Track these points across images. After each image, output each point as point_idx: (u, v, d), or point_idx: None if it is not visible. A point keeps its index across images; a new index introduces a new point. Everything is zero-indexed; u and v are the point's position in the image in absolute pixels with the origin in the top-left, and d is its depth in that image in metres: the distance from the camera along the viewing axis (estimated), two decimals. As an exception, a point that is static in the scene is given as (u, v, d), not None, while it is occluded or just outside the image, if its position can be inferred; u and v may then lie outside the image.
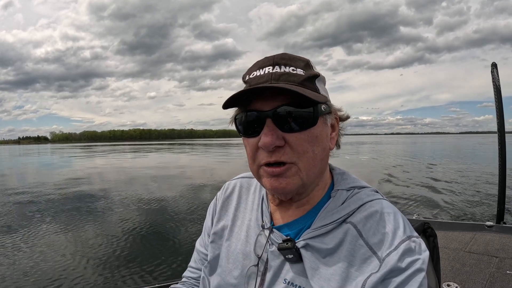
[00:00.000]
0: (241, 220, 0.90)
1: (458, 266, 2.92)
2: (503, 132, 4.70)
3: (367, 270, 0.67)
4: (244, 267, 0.81)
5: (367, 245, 0.70)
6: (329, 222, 0.74)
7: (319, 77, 0.77)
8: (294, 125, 0.70)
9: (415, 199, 10.13)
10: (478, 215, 8.22)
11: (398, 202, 9.66)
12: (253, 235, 0.84)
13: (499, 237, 3.52)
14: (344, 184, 0.81)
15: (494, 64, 4.66)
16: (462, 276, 2.74)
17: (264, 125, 0.70)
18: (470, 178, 14.78)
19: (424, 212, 8.40)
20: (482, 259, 3.03)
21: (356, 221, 0.73)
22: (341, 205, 0.76)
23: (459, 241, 3.49)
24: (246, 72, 0.78)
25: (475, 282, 2.63)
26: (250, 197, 0.93)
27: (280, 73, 0.72)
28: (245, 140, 0.76)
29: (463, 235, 3.66)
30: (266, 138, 0.69)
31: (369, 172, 17.32)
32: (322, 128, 0.74)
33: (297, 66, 0.74)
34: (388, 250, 0.67)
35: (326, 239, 0.73)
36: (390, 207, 0.75)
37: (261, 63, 0.75)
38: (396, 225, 0.71)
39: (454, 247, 3.34)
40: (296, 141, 0.70)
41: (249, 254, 0.82)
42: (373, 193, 0.79)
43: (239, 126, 0.76)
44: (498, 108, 4.68)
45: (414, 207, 9.11)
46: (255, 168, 0.76)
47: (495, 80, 4.57)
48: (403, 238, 0.68)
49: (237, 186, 0.98)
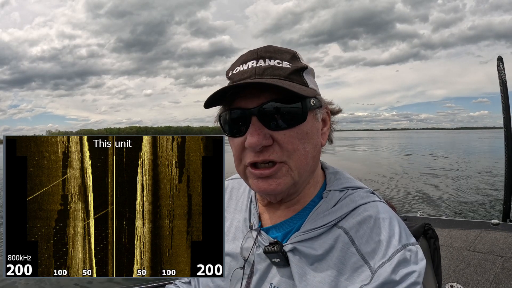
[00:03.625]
0: (230, 221, 0.87)
1: (462, 266, 2.86)
2: (510, 127, 4.57)
3: (358, 280, 0.64)
4: (231, 269, 0.78)
5: (359, 253, 0.66)
6: (319, 225, 0.70)
7: (307, 69, 0.72)
8: (282, 122, 0.66)
9: (418, 196, 10.06)
10: (483, 213, 8.13)
11: (401, 199, 9.59)
12: (241, 236, 0.81)
13: (505, 236, 3.46)
14: (337, 184, 0.77)
15: (500, 58, 4.54)
16: (466, 277, 2.69)
17: (249, 123, 0.67)
18: (476, 173, 14.66)
19: (428, 210, 8.33)
20: (487, 258, 2.97)
21: (348, 226, 0.69)
22: (333, 207, 0.72)
23: (464, 240, 3.43)
24: (230, 68, 0.73)
25: (479, 282, 2.58)
26: (240, 197, 0.91)
27: (265, 67, 0.68)
28: (231, 140, 0.73)
29: (468, 233, 3.60)
30: (252, 138, 0.65)
31: (369, 167, 17.23)
32: (312, 124, 0.71)
33: (283, 59, 0.70)
34: (382, 261, 0.64)
35: (316, 244, 0.69)
36: (386, 211, 0.71)
37: (245, 57, 0.71)
38: (391, 232, 0.67)
39: (459, 246, 3.29)
40: (284, 139, 0.67)
41: (236, 256, 0.79)
42: (368, 194, 0.75)
43: (223, 125, 0.72)
44: (504, 103, 4.56)
45: (417, 204, 9.04)
46: (242, 169, 0.72)
47: (501, 74, 4.46)
48: (397, 248, 0.64)
49: (229, 187, 0.95)
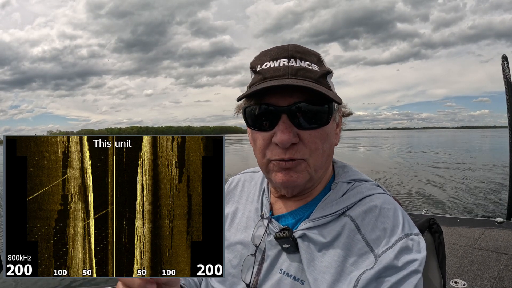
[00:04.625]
0: (242, 212, 0.92)
1: (467, 263, 2.87)
2: None
3: (363, 265, 0.67)
4: (243, 257, 0.82)
5: (364, 240, 0.69)
6: (328, 213, 0.73)
7: (330, 74, 0.76)
8: (309, 123, 0.70)
9: (423, 194, 10.02)
10: (488, 211, 8.09)
11: (406, 197, 9.56)
12: (252, 225, 0.85)
13: (509, 234, 3.46)
14: (345, 176, 0.81)
15: (505, 57, 4.49)
16: (470, 273, 2.69)
17: (279, 120, 0.70)
18: (480, 172, 14.56)
19: (433, 208, 8.30)
20: (491, 256, 2.97)
21: (355, 215, 0.73)
22: (341, 197, 0.76)
23: (468, 238, 3.44)
24: (256, 61, 0.76)
25: (484, 279, 2.58)
26: (252, 189, 0.95)
27: (297, 68, 0.71)
28: (255, 133, 0.75)
29: (472, 231, 3.60)
30: (283, 135, 0.69)
31: (374, 165, 17.16)
32: (332, 125, 0.75)
33: (312, 61, 0.73)
34: (385, 247, 0.67)
35: (324, 231, 0.72)
36: (391, 202, 0.75)
37: (274, 54, 0.73)
38: (395, 221, 0.70)
39: (463, 244, 3.29)
40: (309, 138, 0.71)
41: (248, 244, 0.83)
42: (374, 187, 0.79)
43: (248, 118, 0.75)
44: (509, 101, 4.51)
45: (422, 202, 9.01)
46: (265, 162, 0.75)
47: (505, 73, 4.41)
48: (400, 236, 0.68)
49: (241, 180, 1.00)
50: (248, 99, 0.75)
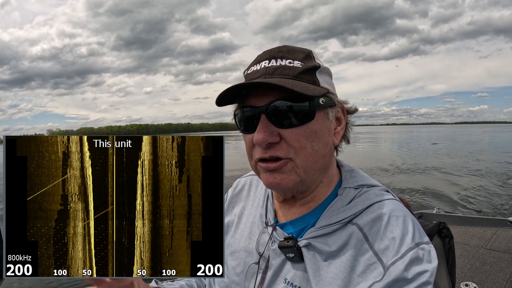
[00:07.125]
0: (247, 217, 0.90)
1: (478, 265, 2.80)
2: None
3: (370, 277, 0.64)
4: (246, 264, 0.80)
5: (372, 250, 0.66)
6: (334, 222, 0.71)
7: (319, 69, 0.74)
8: (289, 120, 0.68)
9: (434, 192, 9.89)
10: (500, 210, 7.94)
11: (416, 195, 9.45)
12: (257, 232, 0.83)
13: None
14: (353, 182, 0.78)
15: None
16: (481, 276, 2.63)
17: (259, 120, 0.69)
18: (492, 169, 14.32)
19: (444, 206, 8.18)
20: (503, 257, 2.90)
21: (362, 223, 0.70)
22: (347, 204, 0.73)
23: (480, 238, 3.36)
24: (247, 67, 0.77)
25: (495, 282, 2.52)
26: (258, 193, 0.92)
27: (275, 67, 0.70)
28: (243, 135, 0.76)
29: (484, 231, 3.52)
30: (258, 135, 0.68)
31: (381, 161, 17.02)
32: (322, 123, 0.72)
33: (295, 58, 0.72)
34: (394, 258, 0.64)
35: (330, 240, 0.70)
36: (400, 209, 0.71)
37: (259, 57, 0.74)
38: (404, 230, 0.67)
39: (475, 244, 3.22)
40: (292, 136, 0.68)
41: (252, 251, 0.81)
42: (383, 192, 0.76)
43: (238, 123, 0.76)
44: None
45: (433, 200, 8.89)
46: (253, 164, 0.75)
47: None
48: (410, 246, 0.64)
49: (247, 183, 0.98)
50: (236, 103, 0.76)
